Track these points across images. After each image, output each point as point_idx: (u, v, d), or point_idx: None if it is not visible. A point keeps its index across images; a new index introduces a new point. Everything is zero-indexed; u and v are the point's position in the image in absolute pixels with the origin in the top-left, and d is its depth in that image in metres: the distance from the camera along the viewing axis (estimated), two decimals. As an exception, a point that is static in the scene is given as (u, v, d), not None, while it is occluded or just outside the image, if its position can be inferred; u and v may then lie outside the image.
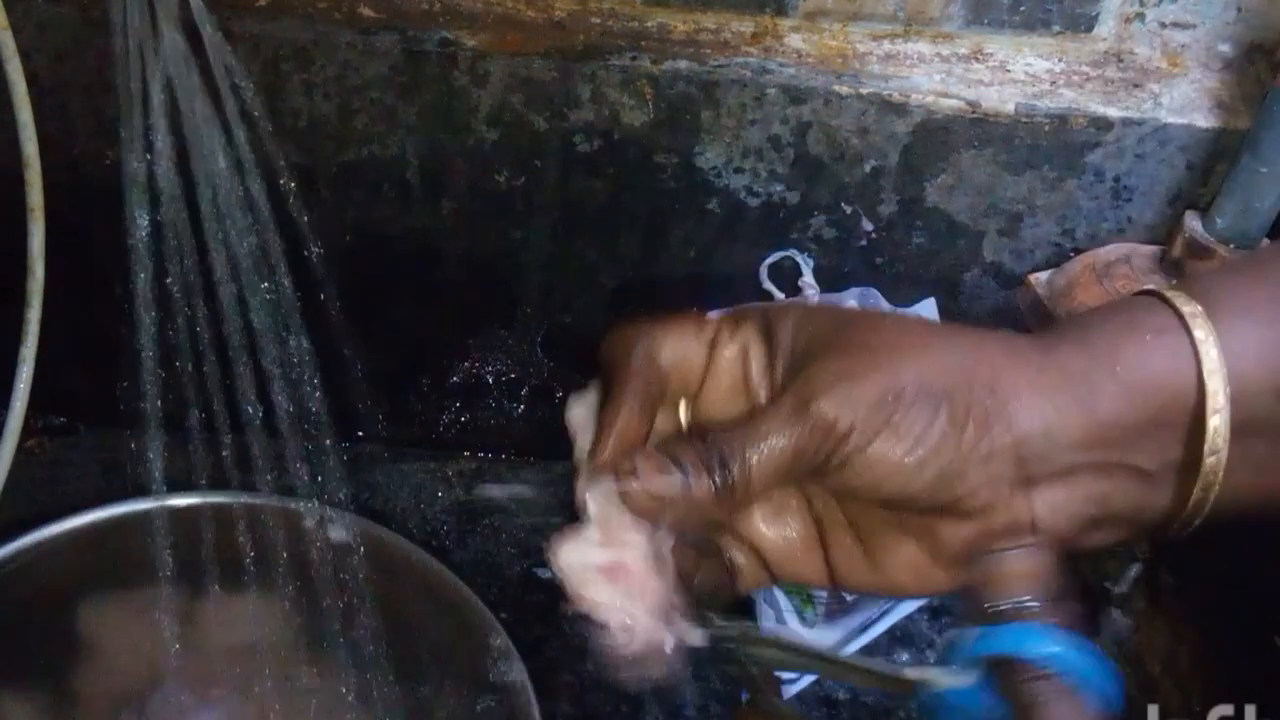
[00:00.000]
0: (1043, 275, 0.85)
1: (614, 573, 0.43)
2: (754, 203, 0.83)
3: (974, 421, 0.41)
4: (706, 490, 0.42)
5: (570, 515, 0.45)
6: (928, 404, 0.41)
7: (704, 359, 0.45)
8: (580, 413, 0.44)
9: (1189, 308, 0.42)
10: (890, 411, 0.41)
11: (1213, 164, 0.81)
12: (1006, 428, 0.41)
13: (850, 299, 0.86)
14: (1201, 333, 0.41)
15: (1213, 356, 0.41)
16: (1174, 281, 0.44)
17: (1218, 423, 0.41)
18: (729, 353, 0.44)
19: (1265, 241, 0.78)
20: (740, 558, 0.46)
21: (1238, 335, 0.41)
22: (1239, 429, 0.41)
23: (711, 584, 0.45)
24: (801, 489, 0.46)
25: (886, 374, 0.41)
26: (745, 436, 0.42)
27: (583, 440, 0.44)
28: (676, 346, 0.45)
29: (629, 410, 0.43)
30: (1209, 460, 0.41)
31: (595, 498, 0.42)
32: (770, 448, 0.42)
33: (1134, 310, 0.43)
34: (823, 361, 0.42)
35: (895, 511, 0.43)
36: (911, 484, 0.41)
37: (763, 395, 0.44)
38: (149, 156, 0.55)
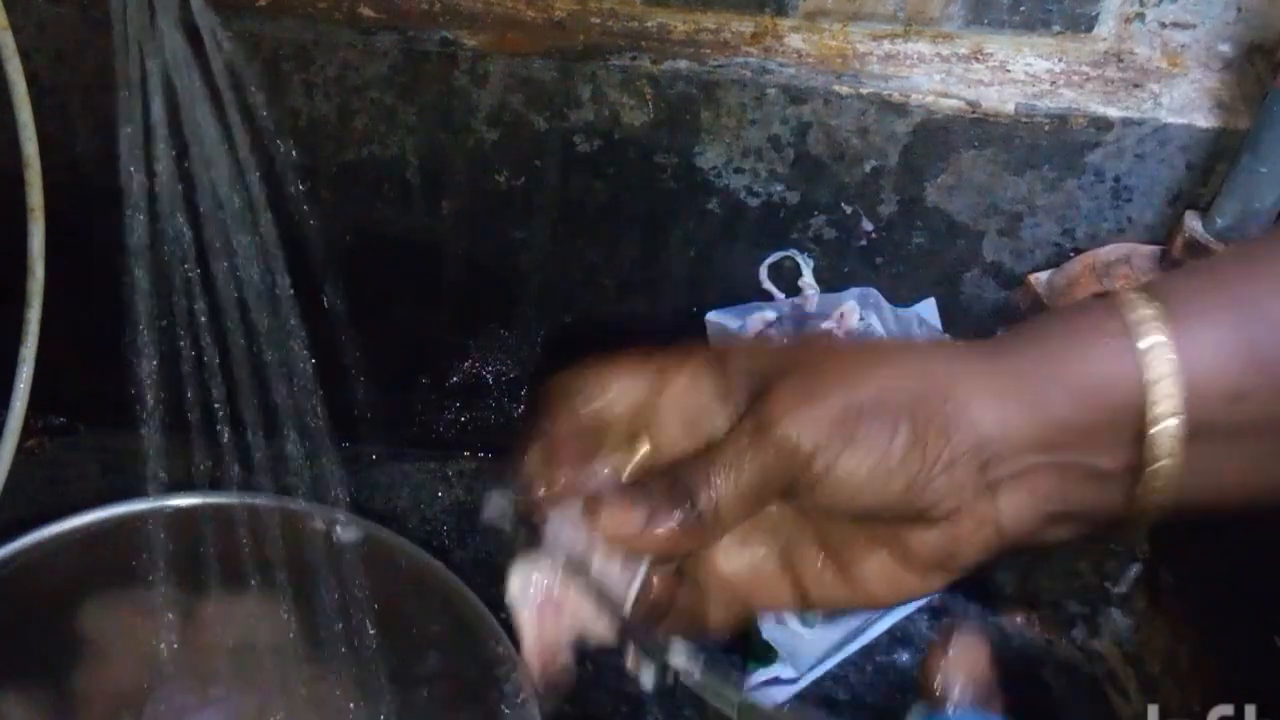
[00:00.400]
0: (1043, 275, 0.85)
1: (545, 605, 0.43)
2: (754, 203, 0.83)
3: (934, 430, 0.42)
4: (676, 523, 0.42)
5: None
6: (888, 417, 0.41)
7: (652, 395, 0.44)
8: (519, 585, 0.43)
9: (1139, 313, 0.42)
10: (852, 428, 0.41)
11: (1213, 164, 0.81)
12: (966, 433, 0.42)
13: (850, 299, 0.86)
14: (1149, 340, 0.41)
15: (1161, 361, 0.41)
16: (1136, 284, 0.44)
17: (1168, 426, 0.41)
18: (678, 387, 0.44)
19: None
20: (711, 593, 0.45)
21: (1190, 339, 0.42)
22: (1192, 432, 0.41)
23: (681, 625, 0.45)
24: (764, 511, 0.45)
25: (844, 392, 0.42)
26: (709, 465, 0.42)
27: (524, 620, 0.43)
28: (621, 386, 0.45)
29: (572, 448, 0.44)
30: (1163, 463, 0.42)
31: (557, 526, 0.42)
32: (737, 475, 0.42)
33: (1085, 315, 0.44)
34: (780, 386, 0.42)
35: (864, 524, 0.43)
36: (881, 497, 0.42)
37: (720, 426, 0.43)
38: (149, 157, 0.55)
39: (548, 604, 0.43)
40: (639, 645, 0.43)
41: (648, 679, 0.43)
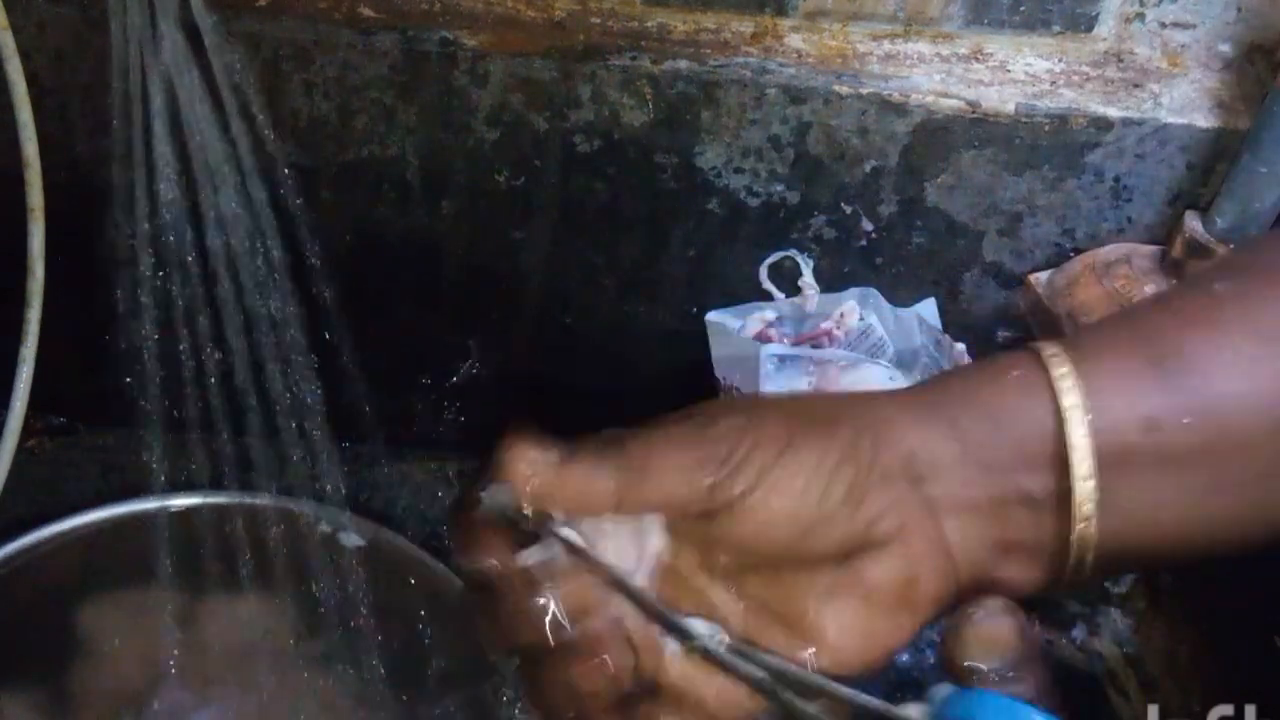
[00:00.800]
0: (1043, 275, 0.85)
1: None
2: (754, 203, 0.83)
3: (865, 444, 0.42)
4: (603, 468, 0.43)
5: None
6: (818, 438, 0.42)
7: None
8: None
9: (1050, 350, 0.44)
10: (783, 447, 0.41)
11: (1213, 164, 0.81)
12: (893, 449, 0.42)
13: (850, 299, 0.86)
14: (1060, 370, 0.43)
15: (1071, 388, 0.42)
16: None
17: (1082, 448, 0.42)
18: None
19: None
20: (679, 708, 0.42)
21: (1101, 369, 0.43)
22: (1109, 458, 0.42)
23: None
24: (713, 605, 0.43)
25: (776, 423, 0.42)
26: (645, 430, 0.44)
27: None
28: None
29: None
30: (1084, 486, 0.42)
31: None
32: (670, 437, 0.43)
33: (1000, 357, 0.45)
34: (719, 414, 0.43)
35: (813, 570, 0.42)
36: (817, 511, 0.41)
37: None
38: (149, 156, 0.55)
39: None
40: (658, 620, 0.42)
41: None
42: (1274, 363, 0.43)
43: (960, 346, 0.86)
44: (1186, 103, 0.81)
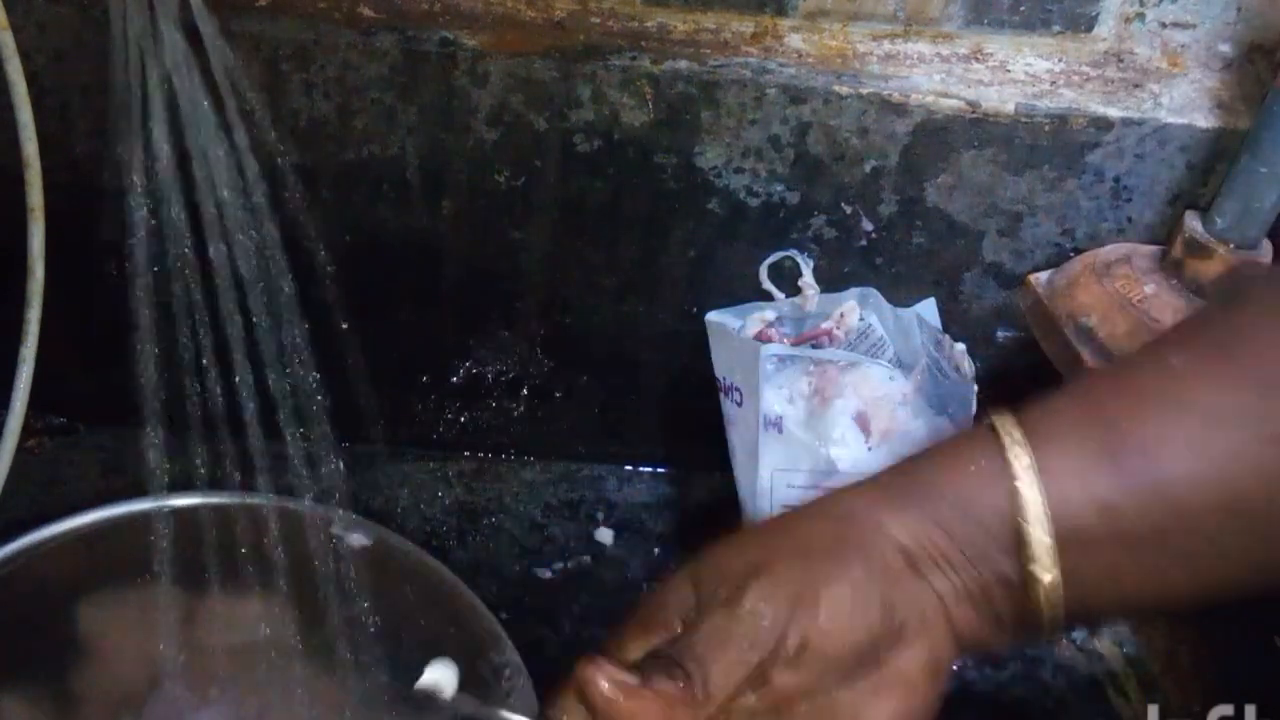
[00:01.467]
0: (1043, 275, 0.85)
1: None
2: (754, 203, 0.83)
3: (875, 555, 0.47)
4: (673, 690, 0.45)
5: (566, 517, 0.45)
6: (835, 565, 0.47)
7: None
8: None
9: (1009, 435, 0.47)
10: (814, 590, 0.46)
11: (1213, 164, 0.81)
12: (894, 548, 0.47)
13: (850, 299, 0.86)
14: (1017, 460, 0.46)
15: (1027, 477, 0.46)
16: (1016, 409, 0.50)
17: (1037, 534, 0.46)
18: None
19: (1266, 246, 0.78)
20: None
21: (1057, 457, 0.46)
22: (1065, 541, 0.46)
23: None
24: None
25: (791, 567, 0.47)
26: (692, 638, 0.46)
27: None
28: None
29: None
30: (1042, 569, 0.46)
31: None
32: (718, 640, 0.46)
33: (965, 441, 0.49)
34: (730, 562, 0.48)
35: (852, 679, 0.47)
36: (868, 628, 0.46)
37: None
38: (149, 156, 0.55)
39: None
40: None
41: None
42: (1223, 443, 0.45)
43: (960, 346, 0.86)
44: (1186, 103, 0.81)
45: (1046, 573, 0.46)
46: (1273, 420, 0.45)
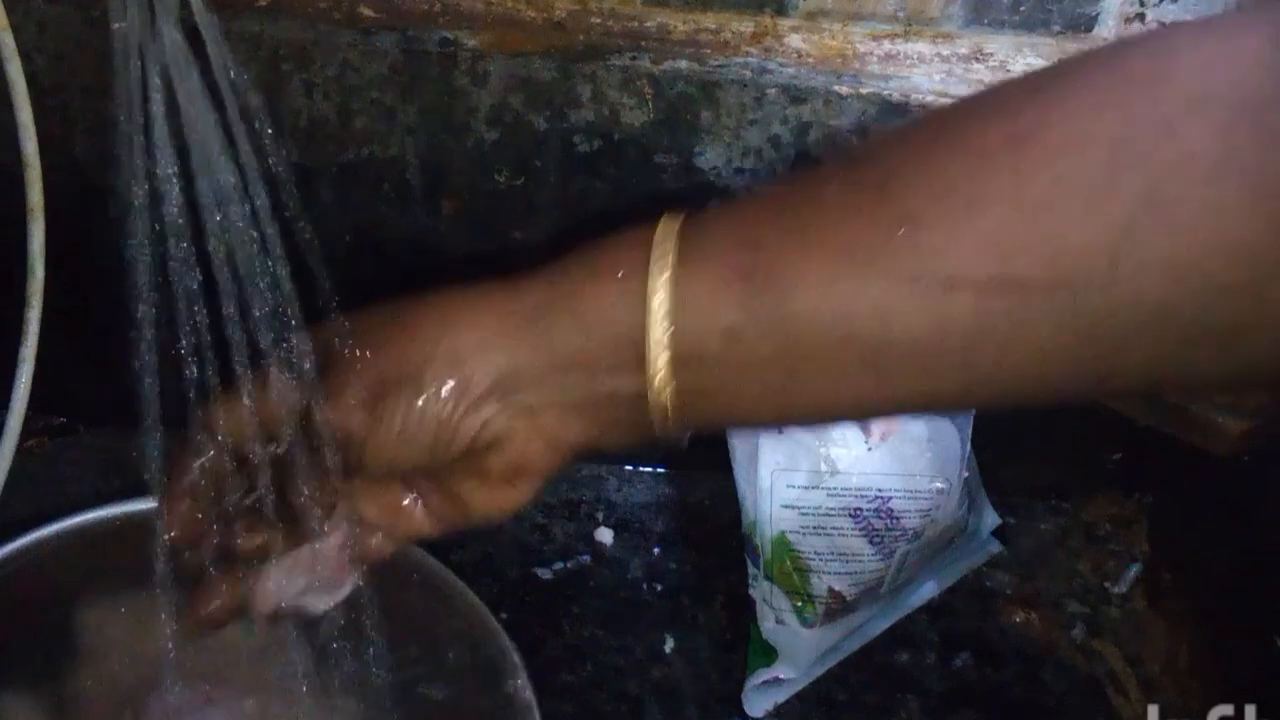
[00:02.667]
0: (1043, 275, 0.85)
1: None
2: (754, 203, 0.83)
3: (451, 391, 0.51)
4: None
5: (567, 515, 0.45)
6: (403, 390, 0.51)
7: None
8: None
9: (656, 251, 0.49)
10: (373, 408, 0.52)
11: (1213, 164, 0.81)
12: (482, 377, 0.51)
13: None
14: (655, 281, 0.48)
15: (660, 301, 0.48)
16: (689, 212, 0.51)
17: (659, 358, 0.48)
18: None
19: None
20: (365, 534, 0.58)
21: (694, 281, 0.48)
22: (687, 359, 0.48)
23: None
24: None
25: (363, 375, 0.53)
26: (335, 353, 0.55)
27: None
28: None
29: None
30: (660, 387, 0.49)
31: None
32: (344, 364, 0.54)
33: (611, 250, 0.51)
34: (327, 375, 0.54)
35: (451, 469, 0.54)
36: (417, 453, 0.52)
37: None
38: (148, 156, 0.55)
39: None
40: None
41: None
42: (851, 282, 0.45)
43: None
44: (1186, 103, 0.81)
45: (662, 387, 0.48)
46: (904, 258, 0.44)
